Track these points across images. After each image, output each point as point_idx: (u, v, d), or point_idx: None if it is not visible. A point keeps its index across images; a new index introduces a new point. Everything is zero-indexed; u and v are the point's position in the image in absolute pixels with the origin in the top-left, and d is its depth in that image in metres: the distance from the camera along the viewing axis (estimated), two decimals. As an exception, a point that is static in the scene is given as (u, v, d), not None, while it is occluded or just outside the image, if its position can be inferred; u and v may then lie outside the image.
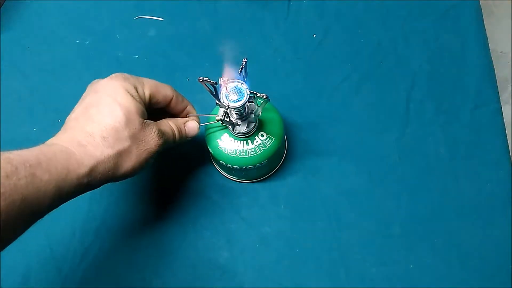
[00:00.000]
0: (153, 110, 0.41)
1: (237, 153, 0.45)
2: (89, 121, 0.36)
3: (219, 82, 0.39)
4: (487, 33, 0.58)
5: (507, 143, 0.52)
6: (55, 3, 0.61)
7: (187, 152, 0.52)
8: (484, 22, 0.58)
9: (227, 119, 0.42)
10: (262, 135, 0.45)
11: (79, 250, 0.48)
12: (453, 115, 0.54)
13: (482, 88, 0.55)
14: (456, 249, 0.48)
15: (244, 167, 0.45)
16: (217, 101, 0.41)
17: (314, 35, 0.58)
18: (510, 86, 1.26)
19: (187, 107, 0.45)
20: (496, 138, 0.52)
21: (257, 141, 0.45)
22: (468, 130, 0.53)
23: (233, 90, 0.39)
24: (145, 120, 0.38)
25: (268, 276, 0.48)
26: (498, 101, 0.54)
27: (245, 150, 0.45)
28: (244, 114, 0.42)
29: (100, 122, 0.36)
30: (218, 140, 0.45)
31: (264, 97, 0.38)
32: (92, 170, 0.34)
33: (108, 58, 0.58)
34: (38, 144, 0.35)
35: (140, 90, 0.39)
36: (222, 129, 0.45)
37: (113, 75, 0.39)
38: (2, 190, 0.28)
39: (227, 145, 0.45)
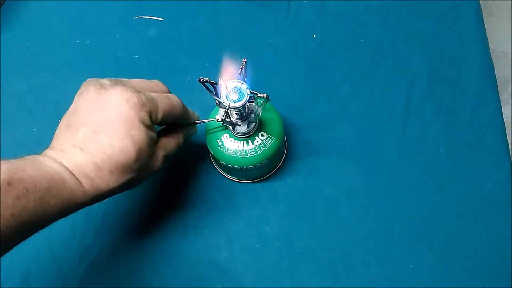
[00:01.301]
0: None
1: (238, 153, 0.45)
2: (98, 151, 0.35)
3: (219, 82, 0.39)
4: (487, 33, 0.58)
5: (507, 143, 0.52)
6: (55, 3, 0.61)
7: (187, 152, 0.52)
8: (484, 22, 0.58)
9: (228, 119, 0.42)
10: (262, 135, 0.45)
11: (79, 250, 0.48)
12: (453, 115, 0.54)
13: (482, 88, 0.55)
14: (456, 249, 0.48)
15: (244, 167, 0.45)
16: (217, 101, 0.41)
17: (314, 35, 0.58)
18: (510, 86, 1.26)
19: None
20: (496, 138, 0.52)
21: (257, 141, 0.45)
22: (468, 130, 0.53)
23: (233, 90, 0.39)
24: (152, 149, 0.38)
25: (268, 276, 0.48)
26: (498, 101, 0.54)
27: (246, 150, 0.45)
28: (244, 114, 0.42)
29: (111, 157, 0.35)
30: (218, 141, 0.45)
31: (265, 97, 0.38)
32: (95, 198, 0.36)
33: (108, 58, 0.58)
34: (38, 145, 0.36)
35: (153, 116, 0.37)
36: (222, 129, 0.45)
37: (129, 96, 0.35)
38: (12, 211, 0.29)
39: (228, 145, 0.45)
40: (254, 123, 0.44)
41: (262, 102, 0.40)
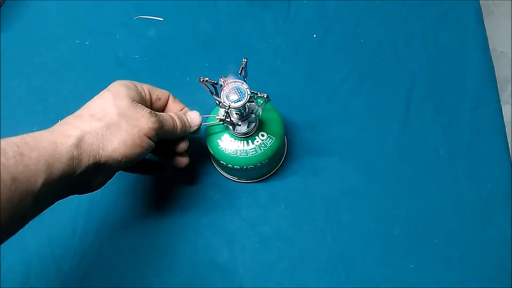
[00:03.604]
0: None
1: (238, 153, 0.45)
2: (81, 109, 0.37)
3: (220, 82, 0.39)
4: (487, 33, 0.58)
5: (507, 143, 0.52)
6: (55, 3, 0.61)
7: (187, 152, 0.52)
8: (484, 22, 0.58)
9: (228, 119, 0.42)
10: (263, 135, 0.45)
11: (79, 250, 0.48)
12: (453, 115, 0.54)
13: (482, 88, 0.55)
14: (456, 249, 0.48)
15: (244, 167, 0.45)
16: (217, 101, 0.41)
17: (314, 35, 0.58)
18: (510, 86, 1.26)
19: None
20: (496, 138, 0.52)
21: (257, 141, 0.45)
22: (468, 130, 0.53)
23: (233, 90, 0.39)
24: (136, 102, 0.38)
25: (268, 276, 0.48)
26: (498, 101, 0.54)
27: (246, 150, 0.45)
28: (244, 114, 0.42)
29: (90, 105, 0.37)
30: (218, 141, 0.45)
31: (265, 96, 0.38)
32: (80, 141, 0.34)
33: (108, 58, 0.58)
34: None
35: (139, 87, 0.41)
36: (222, 129, 0.45)
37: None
38: None
39: (228, 145, 0.45)
40: (254, 123, 0.44)
41: (262, 102, 0.40)
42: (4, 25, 0.60)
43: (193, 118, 0.44)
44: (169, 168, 0.48)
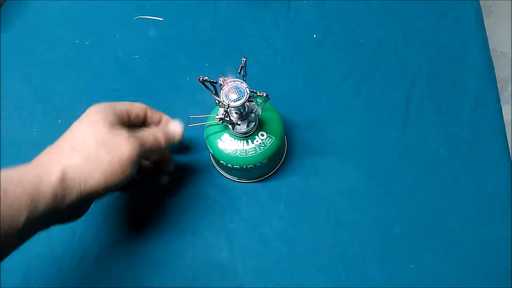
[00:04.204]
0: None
1: (237, 153, 0.45)
2: (61, 139, 0.37)
3: (219, 81, 0.39)
4: (487, 33, 0.58)
5: (507, 143, 0.52)
6: (55, 3, 0.61)
7: (187, 152, 0.52)
8: (484, 22, 0.58)
9: (227, 118, 0.42)
10: (262, 135, 0.45)
11: (79, 250, 0.48)
12: (453, 115, 0.54)
13: (482, 88, 0.55)
14: (456, 249, 0.48)
15: (244, 166, 0.45)
16: (217, 100, 0.41)
17: (314, 35, 0.58)
18: (510, 86, 1.26)
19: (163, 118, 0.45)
20: (496, 138, 0.52)
21: (257, 141, 0.45)
22: (468, 130, 0.53)
23: (233, 89, 0.39)
24: (113, 126, 0.38)
25: (268, 276, 0.48)
26: (498, 101, 0.54)
27: (245, 149, 0.45)
28: (244, 113, 0.42)
29: (70, 137, 0.37)
30: (218, 140, 0.45)
31: (264, 95, 0.38)
32: (62, 177, 0.34)
33: (108, 58, 0.58)
34: (38, 145, 0.36)
35: (117, 109, 0.40)
36: (222, 129, 0.45)
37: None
38: None
39: (227, 145, 0.45)
40: (254, 123, 0.44)
41: (261, 101, 0.40)
42: (4, 25, 0.60)
43: (176, 127, 0.44)
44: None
